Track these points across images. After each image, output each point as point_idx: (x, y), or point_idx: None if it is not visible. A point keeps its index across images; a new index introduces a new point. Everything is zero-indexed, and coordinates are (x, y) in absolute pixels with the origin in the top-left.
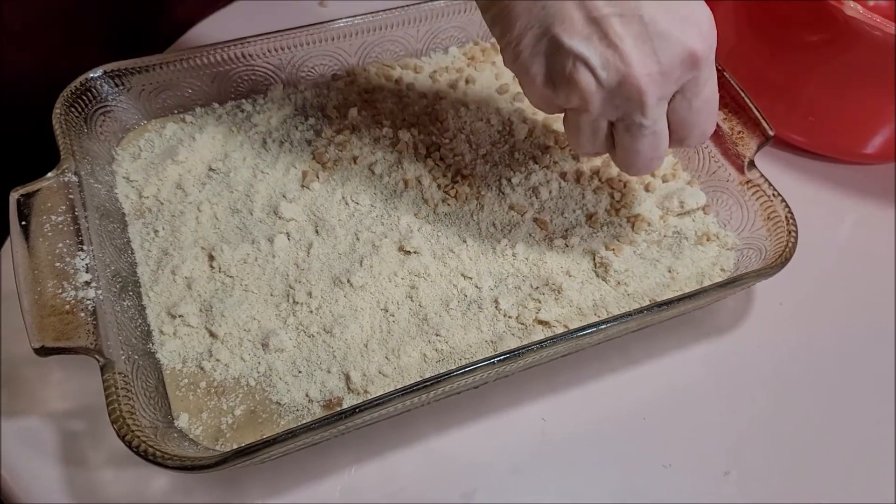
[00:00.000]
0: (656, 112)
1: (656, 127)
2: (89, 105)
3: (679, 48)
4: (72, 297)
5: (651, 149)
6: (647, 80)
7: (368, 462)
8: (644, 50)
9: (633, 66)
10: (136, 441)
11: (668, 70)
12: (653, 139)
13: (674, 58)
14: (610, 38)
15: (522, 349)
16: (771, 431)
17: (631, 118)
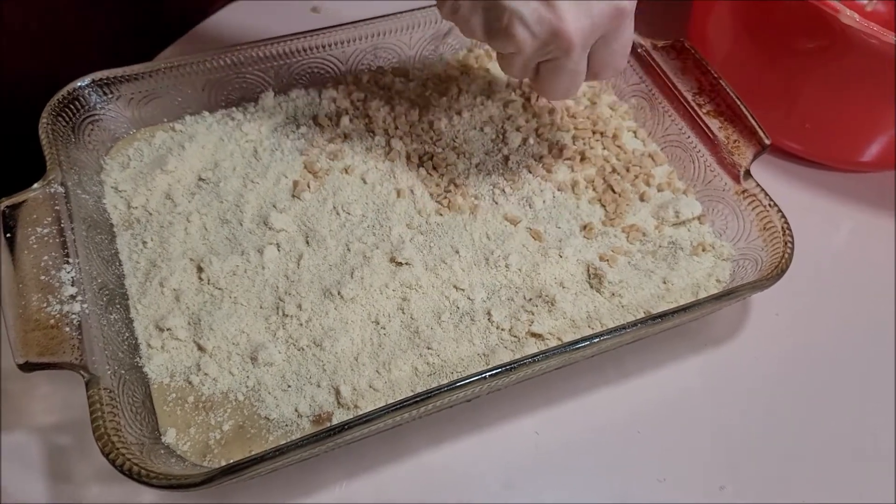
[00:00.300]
0: (580, 57)
1: (577, 67)
2: (77, 114)
3: (610, 4)
4: (57, 312)
5: (570, 83)
6: (579, 34)
7: (360, 477)
8: (578, 6)
9: (566, 22)
10: (121, 459)
11: (597, 23)
12: (573, 76)
13: (603, 12)
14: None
15: (515, 363)
16: (767, 445)
17: (557, 61)
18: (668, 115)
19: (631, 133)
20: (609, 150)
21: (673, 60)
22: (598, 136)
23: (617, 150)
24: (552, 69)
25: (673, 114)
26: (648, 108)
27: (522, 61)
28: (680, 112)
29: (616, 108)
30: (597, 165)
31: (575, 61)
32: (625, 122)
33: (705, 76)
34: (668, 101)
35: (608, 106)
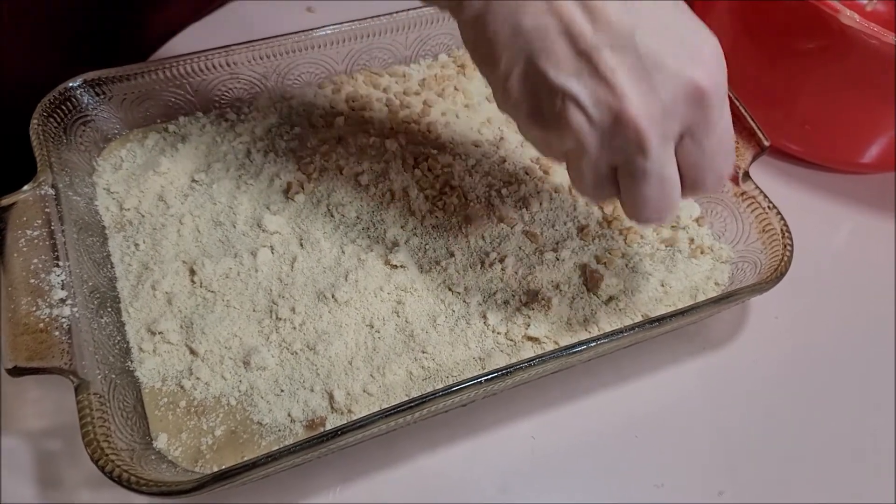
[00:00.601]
0: (661, 154)
1: (663, 171)
2: (69, 115)
3: (681, 82)
4: (46, 315)
5: (659, 196)
6: (646, 120)
7: (354, 482)
8: (640, 85)
9: (628, 103)
10: (111, 466)
11: (669, 108)
12: (660, 185)
13: (676, 93)
14: (601, 71)
15: (511, 368)
16: (767, 449)
17: (633, 162)
18: None
19: None
20: None
21: None
22: None
23: None
24: (630, 174)
25: None
26: None
27: (591, 164)
28: None
29: None
30: None
31: (656, 162)
32: None
33: None
34: None
35: None
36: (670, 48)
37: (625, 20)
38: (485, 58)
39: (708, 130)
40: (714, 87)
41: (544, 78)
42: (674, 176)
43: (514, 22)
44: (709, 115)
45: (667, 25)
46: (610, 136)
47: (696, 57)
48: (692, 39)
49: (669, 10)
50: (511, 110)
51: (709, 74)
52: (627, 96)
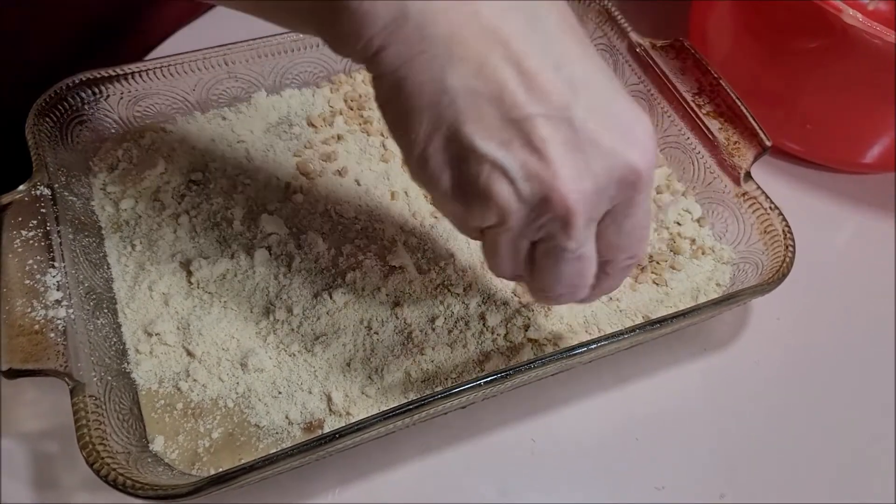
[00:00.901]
0: (584, 235)
1: (582, 251)
2: (64, 115)
3: (617, 163)
4: (41, 317)
5: (575, 275)
6: (577, 198)
7: (352, 484)
8: (575, 161)
9: (561, 180)
10: (106, 469)
11: (602, 188)
12: (577, 265)
13: (611, 174)
14: (534, 142)
15: (510, 370)
16: (768, 452)
17: (555, 240)
18: (667, 115)
19: None
20: None
21: (672, 60)
22: None
23: None
24: (549, 254)
25: (672, 114)
26: (647, 108)
27: (510, 240)
28: (679, 113)
29: None
30: None
31: (578, 241)
32: None
33: (705, 76)
34: (667, 102)
35: None
36: (605, 123)
37: (561, 90)
38: (400, 119)
39: (630, 212)
40: (647, 170)
41: (470, 146)
42: (592, 256)
43: (438, 79)
44: (635, 197)
45: (603, 99)
46: (536, 212)
47: (630, 137)
48: (627, 116)
49: (605, 82)
50: (426, 181)
51: (643, 156)
52: (560, 172)
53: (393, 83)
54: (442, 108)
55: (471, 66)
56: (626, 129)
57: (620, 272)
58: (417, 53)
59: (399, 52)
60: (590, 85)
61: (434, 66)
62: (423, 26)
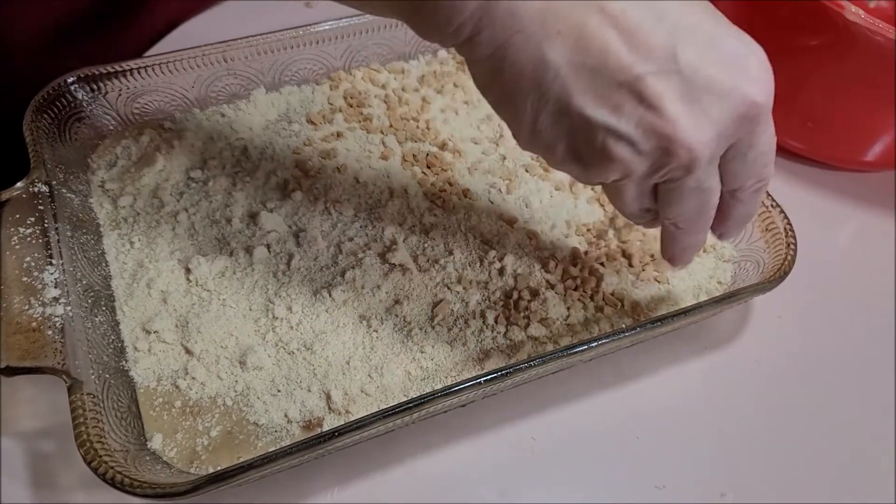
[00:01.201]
0: (707, 170)
1: (707, 184)
2: (63, 112)
3: (733, 101)
4: (39, 314)
5: (700, 205)
6: (700, 147)
7: (352, 483)
8: (692, 110)
9: (682, 132)
10: (104, 468)
11: (723, 130)
12: (702, 196)
13: (730, 114)
14: (648, 101)
15: (510, 368)
16: (769, 451)
17: (681, 181)
18: None
19: None
20: None
21: None
22: None
23: None
24: (674, 190)
25: None
26: None
27: (635, 188)
28: None
29: None
30: None
31: (701, 178)
32: None
33: None
34: None
35: None
36: (717, 65)
37: (666, 42)
38: (505, 99)
39: (754, 142)
40: (766, 102)
41: (582, 116)
42: (716, 185)
43: (538, 58)
44: (757, 128)
45: (710, 40)
46: (660, 163)
47: (744, 71)
48: (738, 52)
49: (709, 22)
50: (542, 151)
51: (760, 88)
52: (678, 124)
53: (491, 67)
54: (546, 85)
55: (569, 38)
56: (739, 66)
57: (751, 197)
58: (512, 34)
59: (493, 36)
60: (694, 28)
61: (531, 45)
62: (513, 7)
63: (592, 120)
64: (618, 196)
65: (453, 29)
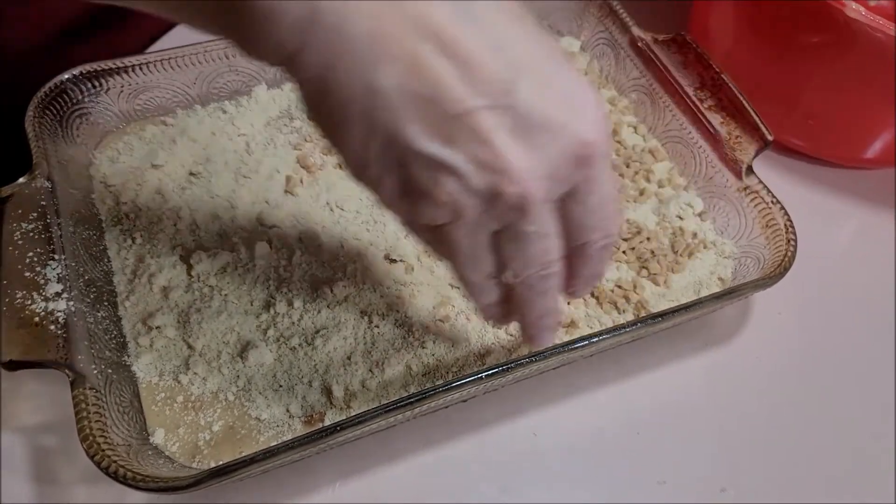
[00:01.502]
0: (543, 216)
1: (545, 229)
2: (65, 108)
3: (568, 141)
4: (41, 309)
5: (542, 253)
6: (531, 184)
7: (353, 478)
8: (525, 147)
9: (512, 168)
10: (107, 461)
11: (556, 168)
12: (543, 243)
13: (563, 152)
14: (479, 135)
15: (511, 363)
16: (769, 447)
17: (515, 226)
18: (668, 110)
19: (631, 128)
20: None
21: (674, 54)
22: None
23: (617, 145)
24: (512, 239)
25: (674, 109)
26: (649, 102)
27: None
28: (681, 107)
29: (616, 103)
30: None
31: (538, 222)
32: (625, 117)
33: (707, 71)
34: (668, 96)
35: (608, 101)
36: (552, 104)
37: (502, 75)
38: (332, 125)
39: (592, 188)
40: (600, 143)
41: (412, 148)
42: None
43: (367, 83)
44: (594, 172)
45: (547, 77)
46: (491, 203)
47: (580, 112)
48: (574, 93)
49: (549, 58)
50: (368, 185)
51: (594, 129)
52: (509, 160)
53: (318, 90)
54: (376, 114)
55: (401, 63)
56: (574, 105)
57: (599, 254)
58: (339, 55)
59: (318, 56)
60: (531, 63)
61: (360, 69)
62: (340, 25)
63: (422, 152)
64: (453, 250)
65: (272, 47)
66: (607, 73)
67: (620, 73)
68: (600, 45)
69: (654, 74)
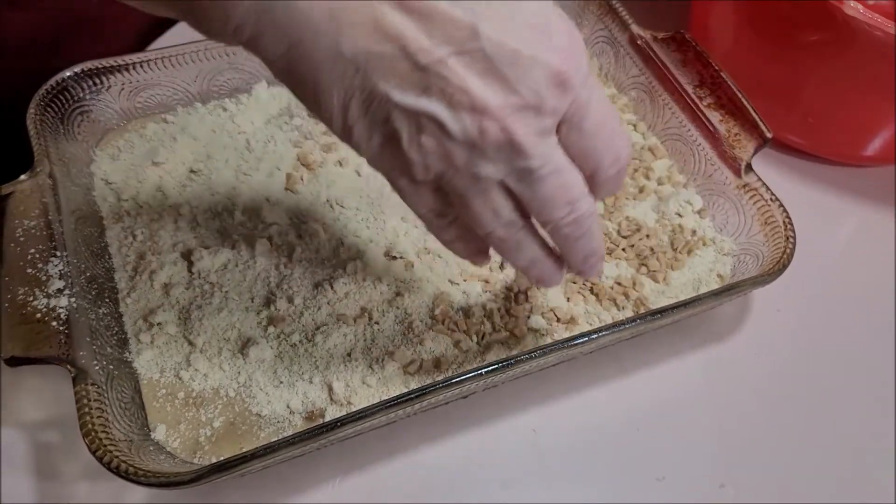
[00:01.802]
0: (543, 150)
1: (553, 164)
2: (66, 105)
3: (539, 71)
4: (44, 306)
5: (563, 190)
6: (512, 119)
7: (353, 475)
8: (497, 85)
9: (489, 107)
10: (109, 456)
11: (534, 101)
12: (558, 178)
13: (537, 83)
14: (451, 81)
15: (511, 360)
16: (768, 443)
17: (519, 169)
18: (668, 107)
19: (631, 126)
20: None
21: (673, 52)
22: None
23: None
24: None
25: (673, 106)
26: (648, 100)
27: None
28: (680, 105)
29: (615, 101)
30: None
31: (539, 157)
32: (624, 114)
33: (706, 68)
34: (668, 94)
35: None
36: (518, 37)
37: (464, 20)
38: (309, 98)
39: (583, 113)
40: (574, 67)
41: (389, 103)
42: (565, 163)
43: (334, 53)
44: (579, 97)
45: (511, 14)
46: (480, 147)
47: (547, 40)
48: (539, 21)
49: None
50: (357, 147)
51: (566, 55)
52: (485, 100)
53: (286, 67)
54: (348, 79)
55: (363, 27)
56: (541, 34)
57: (614, 179)
58: (300, 32)
59: (279, 37)
60: (492, 3)
61: (325, 41)
62: (293, 4)
63: (401, 104)
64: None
65: (230, 31)
66: (607, 70)
67: (620, 70)
68: (600, 42)
69: (654, 72)
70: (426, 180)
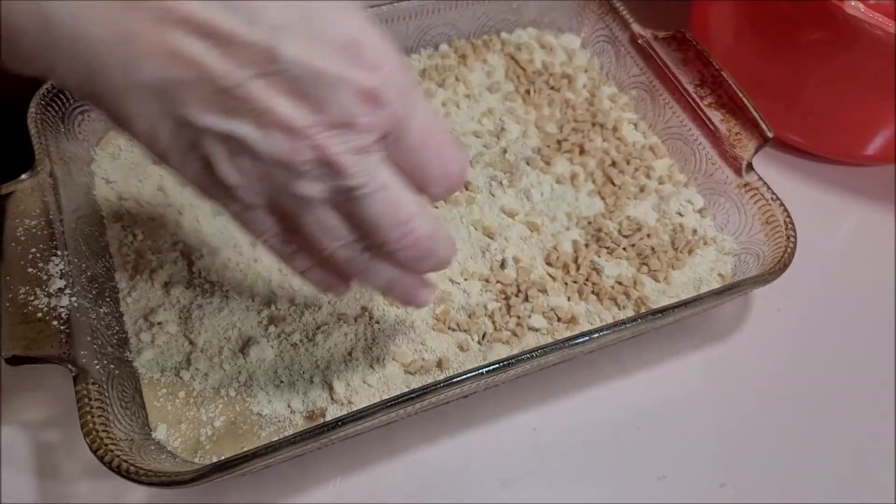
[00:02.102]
0: (363, 167)
1: (376, 183)
2: (67, 104)
3: (346, 88)
4: (44, 305)
5: (394, 207)
6: (322, 137)
7: (353, 474)
8: (304, 105)
9: (297, 126)
10: (110, 456)
11: (343, 118)
12: (385, 194)
13: (345, 100)
14: (257, 102)
15: (512, 359)
16: (769, 442)
17: (339, 186)
18: (668, 106)
19: (631, 125)
20: (609, 143)
21: (674, 52)
22: (598, 128)
23: (617, 142)
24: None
25: (674, 106)
26: (649, 99)
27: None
28: (681, 104)
29: (616, 100)
30: (596, 158)
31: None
32: (625, 113)
33: (707, 68)
34: (668, 93)
35: (608, 98)
36: (323, 56)
37: (262, 44)
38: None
39: (405, 125)
40: (382, 84)
41: (196, 127)
42: (394, 181)
43: (135, 84)
44: (395, 112)
45: (313, 32)
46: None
47: (355, 57)
48: (346, 38)
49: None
50: (178, 173)
51: (373, 72)
52: (292, 120)
53: (89, 96)
54: (152, 107)
55: (158, 56)
56: (347, 53)
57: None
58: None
59: (70, 69)
60: (293, 24)
61: (118, 72)
62: (78, 36)
63: (209, 128)
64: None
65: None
66: (607, 70)
67: (621, 70)
68: (600, 42)
69: (655, 71)
70: (256, 203)
